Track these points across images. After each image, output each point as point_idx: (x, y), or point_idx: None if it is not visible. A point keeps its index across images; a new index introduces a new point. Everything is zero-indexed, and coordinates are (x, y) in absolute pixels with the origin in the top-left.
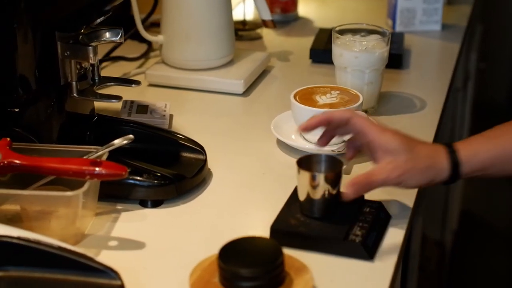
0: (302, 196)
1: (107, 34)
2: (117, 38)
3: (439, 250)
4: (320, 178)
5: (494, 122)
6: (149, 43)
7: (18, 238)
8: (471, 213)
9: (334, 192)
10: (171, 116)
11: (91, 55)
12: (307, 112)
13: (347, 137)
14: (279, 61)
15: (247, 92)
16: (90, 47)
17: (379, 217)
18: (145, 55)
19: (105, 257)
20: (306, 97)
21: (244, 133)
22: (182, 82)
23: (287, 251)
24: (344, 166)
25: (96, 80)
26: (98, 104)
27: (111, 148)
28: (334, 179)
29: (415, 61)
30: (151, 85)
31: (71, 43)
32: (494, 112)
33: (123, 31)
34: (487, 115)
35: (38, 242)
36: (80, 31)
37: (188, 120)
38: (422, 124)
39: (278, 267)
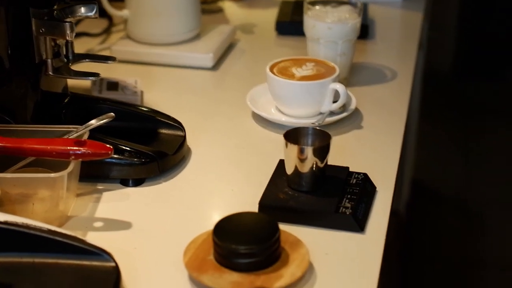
0: (289, 170)
1: (82, 10)
2: (92, 14)
3: (396, 219)
4: (309, 151)
5: (441, 92)
6: (110, 18)
7: (5, 222)
8: (422, 181)
9: (322, 165)
10: (141, 92)
11: (68, 32)
12: (285, 85)
13: (325, 109)
14: (244, 34)
15: (216, 66)
16: (67, 23)
17: (366, 189)
18: (107, 31)
19: (92, 239)
20: (282, 70)
21: (218, 107)
22: (150, 58)
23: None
24: None
25: (70, 58)
26: (69, 82)
27: (92, 127)
28: (322, 152)
29: (380, 31)
30: (117, 61)
31: (46, 20)
32: (440, 81)
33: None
34: (435, 85)
35: (27, 226)
36: (54, 7)
37: (159, 96)
38: (395, 94)
39: (275, 242)
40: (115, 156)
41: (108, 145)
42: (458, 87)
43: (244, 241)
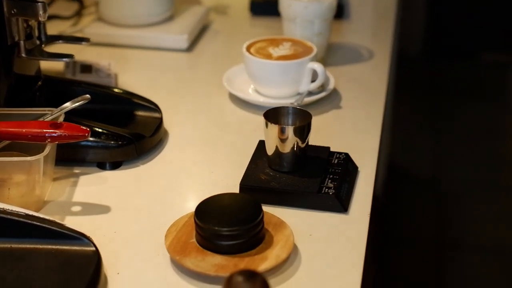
0: (270, 150)
1: None
2: None
3: (374, 203)
4: (289, 130)
5: (412, 73)
6: (80, 1)
7: None
8: (396, 162)
9: (303, 145)
10: (115, 75)
11: (41, 12)
12: (262, 65)
13: (303, 89)
14: (218, 15)
15: (190, 47)
16: (39, 4)
17: (348, 169)
18: (78, 13)
19: (71, 224)
20: (259, 50)
21: (194, 89)
22: (123, 40)
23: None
24: None
25: (43, 39)
26: (42, 66)
27: (67, 109)
28: (303, 132)
29: (355, 11)
30: (90, 44)
31: (18, 0)
32: (411, 62)
33: None
34: (406, 65)
35: (3, 211)
36: None
37: (133, 78)
38: (373, 73)
39: (259, 223)
40: (91, 139)
41: (84, 127)
42: (429, 67)
43: (226, 223)
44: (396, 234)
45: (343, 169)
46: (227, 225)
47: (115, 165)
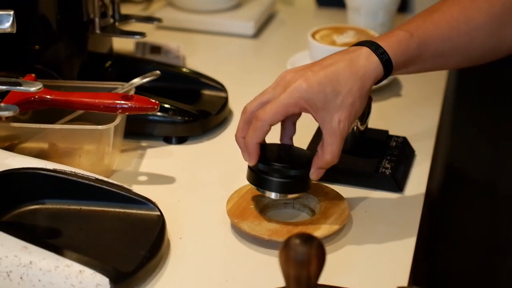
0: None
1: None
2: None
3: (426, 200)
4: None
5: (471, 77)
6: None
7: (54, 170)
8: (455, 165)
9: (362, 127)
10: (183, 57)
11: None
12: (326, 51)
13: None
14: (283, 5)
15: (256, 34)
16: None
17: (405, 152)
18: None
19: (138, 190)
20: (323, 37)
21: (258, 73)
22: (192, 25)
23: (318, 183)
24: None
25: (116, 18)
26: (114, 46)
27: (137, 84)
28: (363, 114)
29: (419, 5)
30: (159, 28)
31: None
32: (477, 68)
33: None
34: (466, 68)
35: (75, 175)
36: None
37: (201, 61)
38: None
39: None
40: (159, 114)
41: (154, 101)
42: (493, 70)
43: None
44: (448, 235)
45: (400, 151)
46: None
47: (180, 140)
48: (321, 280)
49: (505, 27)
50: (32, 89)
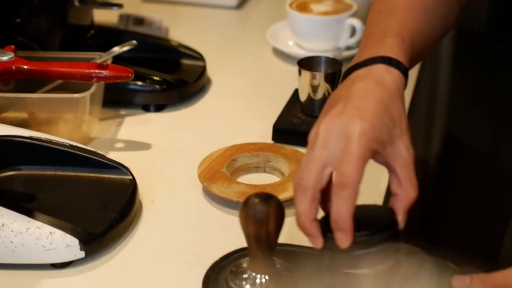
0: (303, 97)
1: None
2: None
3: (422, 169)
4: (321, 77)
5: (474, 48)
6: None
7: (30, 137)
8: (453, 136)
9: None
10: (166, 29)
11: None
12: (303, 20)
13: (342, 44)
14: None
15: (239, 6)
16: None
17: None
18: None
19: (113, 157)
20: (301, 6)
21: (240, 44)
22: None
23: (290, 148)
24: None
25: None
26: (96, 18)
27: (114, 53)
28: (334, 78)
29: None
30: (145, 1)
31: None
32: (474, 38)
33: None
34: (468, 41)
35: (50, 141)
36: None
37: (183, 32)
38: None
39: None
40: (138, 83)
41: (128, 68)
42: (492, 44)
43: None
44: (447, 206)
45: None
46: None
47: (159, 108)
48: (287, 240)
49: None
50: (4, 58)
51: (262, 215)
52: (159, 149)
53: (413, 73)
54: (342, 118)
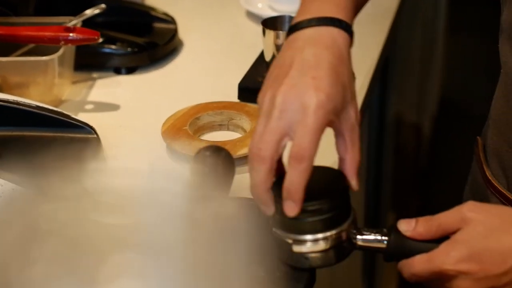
0: (268, 56)
1: None
2: None
3: (415, 133)
4: (284, 36)
5: (470, 10)
6: None
7: None
8: (451, 99)
9: None
10: None
11: None
12: None
13: None
14: None
15: None
16: None
17: None
18: None
19: (82, 118)
20: None
21: (212, 7)
22: None
23: (253, 106)
24: None
25: None
26: None
27: (84, 17)
28: None
29: None
30: None
31: None
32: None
33: None
34: (463, 7)
35: (17, 103)
36: None
37: None
38: None
39: None
40: (109, 46)
41: (95, 31)
42: (488, 8)
43: None
44: (441, 170)
45: None
46: None
47: (130, 70)
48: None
49: None
50: None
51: (211, 167)
52: (127, 109)
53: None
54: (298, 88)
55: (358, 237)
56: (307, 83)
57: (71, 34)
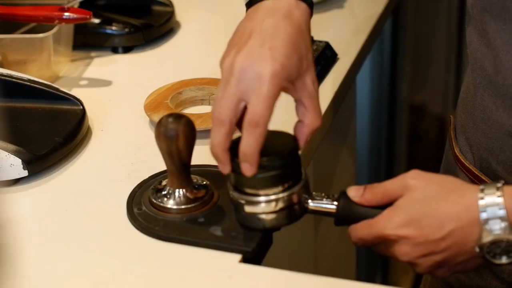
0: None
1: None
2: None
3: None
4: None
5: None
6: None
7: None
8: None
9: None
10: None
11: None
12: None
13: None
14: None
15: None
16: None
17: (325, 54)
18: None
19: (74, 93)
20: None
21: None
22: None
23: None
24: None
25: None
26: None
27: None
28: None
29: None
30: None
31: None
32: None
33: None
34: None
35: (10, 76)
36: None
37: None
38: None
39: None
40: (107, 27)
41: (87, 11)
42: None
43: None
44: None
45: (319, 53)
46: None
47: (126, 50)
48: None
49: None
50: None
51: (172, 132)
52: (118, 85)
53: None
54: (255, 58)
55: (310, 201)
56: (264, 54)
57: (65, 14)
